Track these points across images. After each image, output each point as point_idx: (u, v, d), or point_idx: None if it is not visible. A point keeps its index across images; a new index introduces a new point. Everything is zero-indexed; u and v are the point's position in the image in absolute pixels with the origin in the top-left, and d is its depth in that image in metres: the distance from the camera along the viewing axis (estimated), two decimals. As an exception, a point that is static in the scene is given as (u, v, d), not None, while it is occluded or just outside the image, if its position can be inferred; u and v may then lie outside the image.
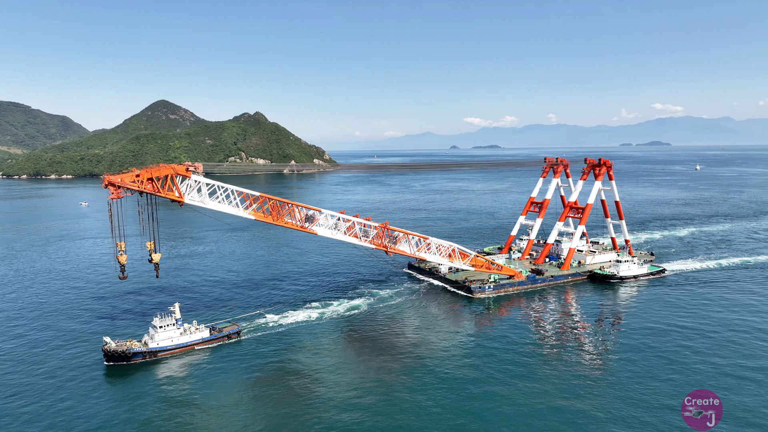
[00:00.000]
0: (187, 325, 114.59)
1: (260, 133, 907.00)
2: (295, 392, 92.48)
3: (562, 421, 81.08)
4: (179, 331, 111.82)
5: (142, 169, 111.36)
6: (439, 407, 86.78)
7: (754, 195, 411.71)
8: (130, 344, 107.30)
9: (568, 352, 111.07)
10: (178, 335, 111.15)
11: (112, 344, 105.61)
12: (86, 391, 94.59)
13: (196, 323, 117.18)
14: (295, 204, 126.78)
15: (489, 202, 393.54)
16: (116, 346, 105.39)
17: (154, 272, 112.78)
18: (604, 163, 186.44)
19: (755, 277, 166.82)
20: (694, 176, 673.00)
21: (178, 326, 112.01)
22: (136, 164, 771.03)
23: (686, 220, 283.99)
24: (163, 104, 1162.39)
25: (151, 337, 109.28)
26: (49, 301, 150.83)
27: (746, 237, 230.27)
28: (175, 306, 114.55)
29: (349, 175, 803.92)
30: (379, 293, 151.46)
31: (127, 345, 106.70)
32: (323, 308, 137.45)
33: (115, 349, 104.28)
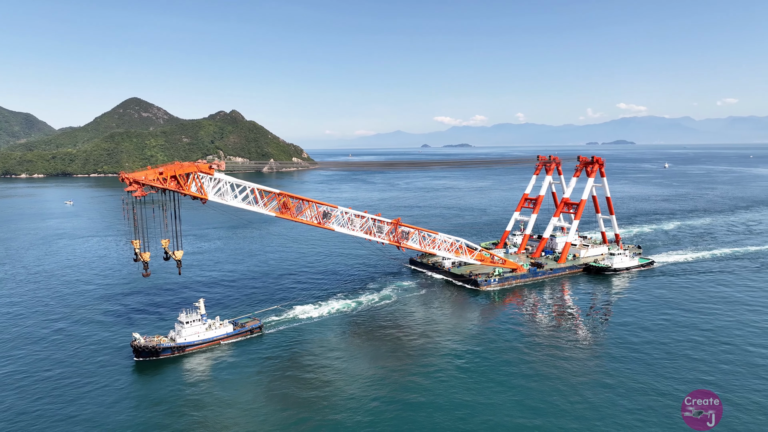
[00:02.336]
0: (211, 321, 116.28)
1: (238, 132, 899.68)
2: (318, 388, 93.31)
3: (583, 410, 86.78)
4: (204, 326, 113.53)
5: (165, 166, 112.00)
6: (477, 403, 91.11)
7: (725, 191, 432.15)
8: (159, 340, 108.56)
9: (576, 338, 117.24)
10: (203, 330, 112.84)
11: (142, 340, 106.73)
12: (120, 387, 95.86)
13: (218, 318, 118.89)
14: (313, 201, 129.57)
15: (477, 199, 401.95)
16: (145, 341, 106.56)
17: (158, 270, 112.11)
18: (597, 160, 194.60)
19: (746, 267, 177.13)
20: (665, 174, 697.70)
21: (203, 321, 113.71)
22: (111, 163, 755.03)
23: (668, 214, 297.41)
24: (135, 102, 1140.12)
25: (177, 333, 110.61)
26: (67, 299, 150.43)
27: (726, 230, 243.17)
28: (200, 302, 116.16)
29: (330, 173, 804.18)
30: (387, 288, 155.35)
31: (157, 341, 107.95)
32: (335, 303, 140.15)
33: (145, 345, 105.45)
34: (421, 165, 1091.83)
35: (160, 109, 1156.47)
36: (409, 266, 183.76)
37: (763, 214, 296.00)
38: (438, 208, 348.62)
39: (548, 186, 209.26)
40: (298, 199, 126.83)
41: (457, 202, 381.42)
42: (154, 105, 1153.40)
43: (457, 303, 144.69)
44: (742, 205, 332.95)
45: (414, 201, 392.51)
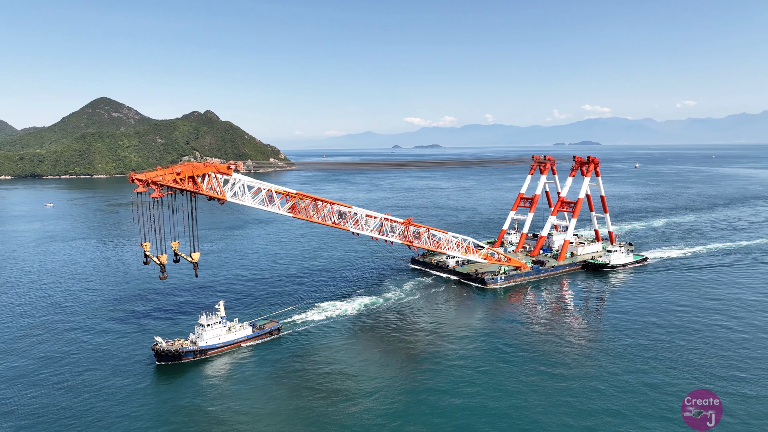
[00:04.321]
0: (230, 323, 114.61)
1: (213, 132, 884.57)
2: (339, 393, 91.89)
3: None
4: (225, 328, 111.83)
5: (182, 166, 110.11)
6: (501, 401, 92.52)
7: (700, 190, 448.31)
8: (181, 343, 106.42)
9: (590, 335, 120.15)
10: (224, 333, 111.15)
11: (164, 344, 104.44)
12: (144, 392, 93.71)
13: (237, 321, 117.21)
14: (329, 201, 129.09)
15: (465, 199, 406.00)
16: (168, 345, 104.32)
17: (168, 272, 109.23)
18: (592, 160, 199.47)
19: (741, 261, 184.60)
20: (638, 173, 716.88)
21: (223, 324, 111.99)
22: (83, 164, 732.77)
23: (653, 212, 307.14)
24: (104, 102, 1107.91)
25: (198, 336, 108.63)
26: (82, 304, 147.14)
27: (711, 227, 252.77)
28: (219, 304, 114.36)
29: (310, 174, 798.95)
30: (394, 288, 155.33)
31: (179, 344, 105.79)
32: (343, 305, 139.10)
33: (168, 349, 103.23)
34: (399, 165, 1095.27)
35: (131, 109, 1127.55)
36: (411, 266, 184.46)
37: (741, 211, 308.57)
38: (429, 207, 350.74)
39: (543, 185, 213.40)
40: (315, 199, 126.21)
41: (447, 202, 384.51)
42: (124, 105, 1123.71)
43: (468, 301, 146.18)
44: (720, 203, 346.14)
45: (403, 201, 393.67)
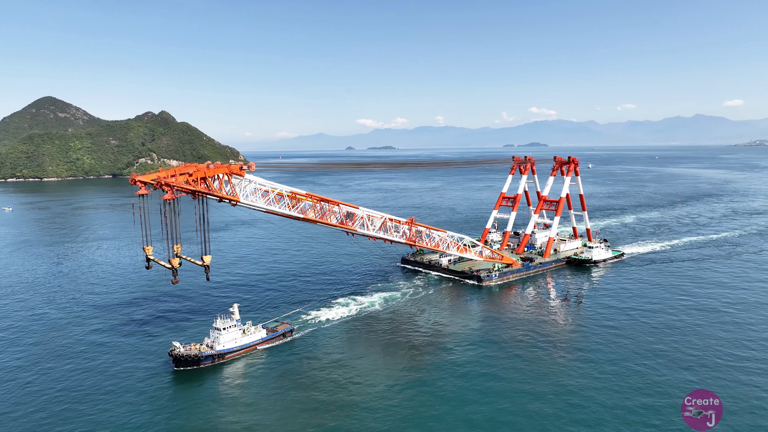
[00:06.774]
0: (244, 326, 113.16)
1: (170, 134, 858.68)
2: (356, 394, 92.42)
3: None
4: (240, 331, 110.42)
5: (194, 167, 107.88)
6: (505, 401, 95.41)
7: (657, 188, 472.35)
8: (199, 348, 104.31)
9: (587, 329, 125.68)
10: (240, 336, 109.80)
11: (181, 348, 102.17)
12: (165, 399, 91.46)
13: (251, 323, 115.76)
14: (338, 202, 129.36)
15: (438, 199, 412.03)
16: (186, 350, 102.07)
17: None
18: (573, 161, 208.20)
19: (713, 254, 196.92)
20: (593, 173, 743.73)
21: (238, 327, 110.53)
22: (32, 167, 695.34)
23: (618, 210, 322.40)
24: (49, 101, 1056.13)
25: (214, 340, 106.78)
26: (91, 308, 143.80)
27: (676, 222, 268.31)
28: (234, 307, 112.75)
29: (273, 175, 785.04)
30: (389, 288, 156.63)
31: (196, 349, 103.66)
32: (345, 306, 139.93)
33: (186, 354, 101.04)
34: (360, 166, 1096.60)
35: (79, 109, 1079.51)
36: (402, 265, 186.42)
37: (699, 208, 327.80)
38: (408, 208, 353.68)
39: (524, 185, 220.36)
40: (325, 201, 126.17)
41: (423, 202, 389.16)
42: (71, 105, 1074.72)
43: (466, 299, 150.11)
44: (678, 201, 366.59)
45: (380, 201, 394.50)
